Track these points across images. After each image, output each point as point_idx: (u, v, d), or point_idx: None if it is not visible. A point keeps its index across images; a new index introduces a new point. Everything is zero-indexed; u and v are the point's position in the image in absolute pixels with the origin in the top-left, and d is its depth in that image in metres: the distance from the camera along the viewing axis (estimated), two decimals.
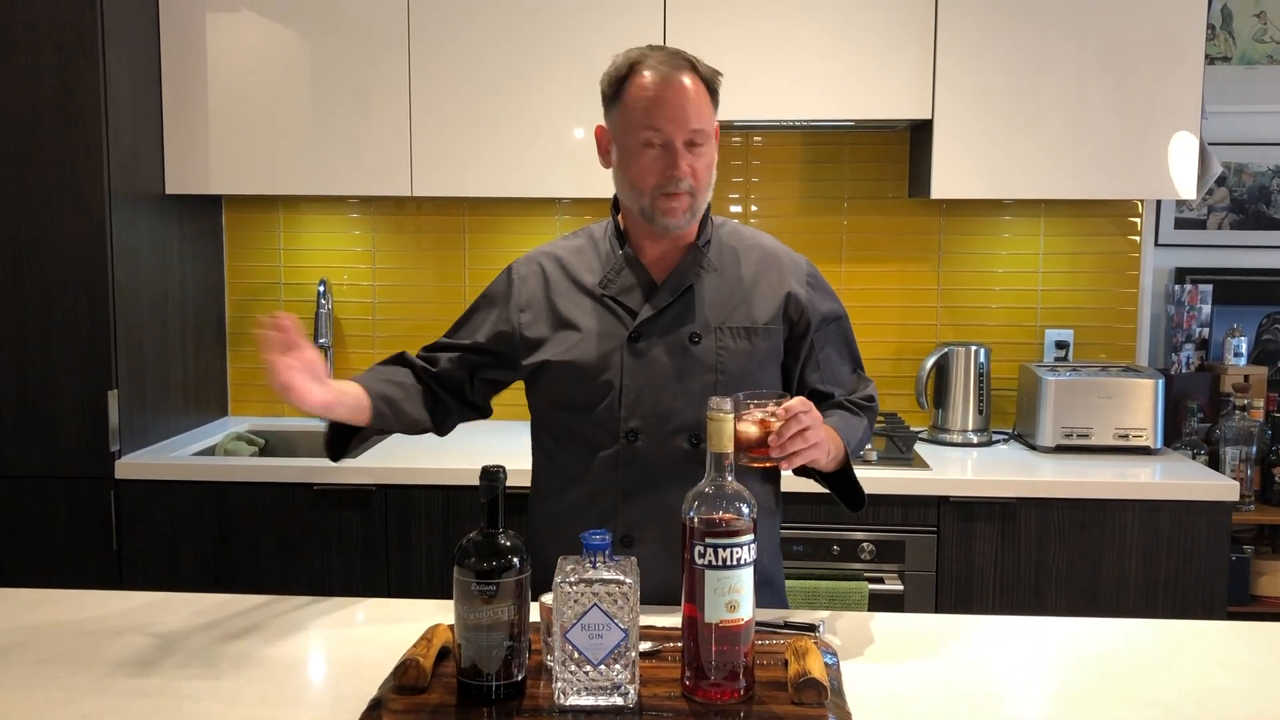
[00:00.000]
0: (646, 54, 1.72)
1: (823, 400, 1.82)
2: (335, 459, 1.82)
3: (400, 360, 1.88)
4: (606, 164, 1.80)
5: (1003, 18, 2.82)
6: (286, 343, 1.62)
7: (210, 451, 3.02)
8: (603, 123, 1.79)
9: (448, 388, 1.86)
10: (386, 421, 1.78)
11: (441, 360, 1.86)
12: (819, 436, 1.57)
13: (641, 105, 1.69)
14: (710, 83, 1.73)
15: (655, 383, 1.74)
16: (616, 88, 1.73)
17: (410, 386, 1.84)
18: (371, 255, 3.37)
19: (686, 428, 1.73)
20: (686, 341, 1.75)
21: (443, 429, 1.89)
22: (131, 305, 2.84)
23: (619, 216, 1.83)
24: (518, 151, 2.93)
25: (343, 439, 1.81)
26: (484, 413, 1.93)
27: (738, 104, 2.84)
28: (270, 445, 3.22)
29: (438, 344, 1.89)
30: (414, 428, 1.84)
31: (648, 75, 1.69)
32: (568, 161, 2.91)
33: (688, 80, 1.69)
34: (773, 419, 1.54)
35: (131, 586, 2.75)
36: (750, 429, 1.55)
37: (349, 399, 1.72)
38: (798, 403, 1.55)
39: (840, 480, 1.79)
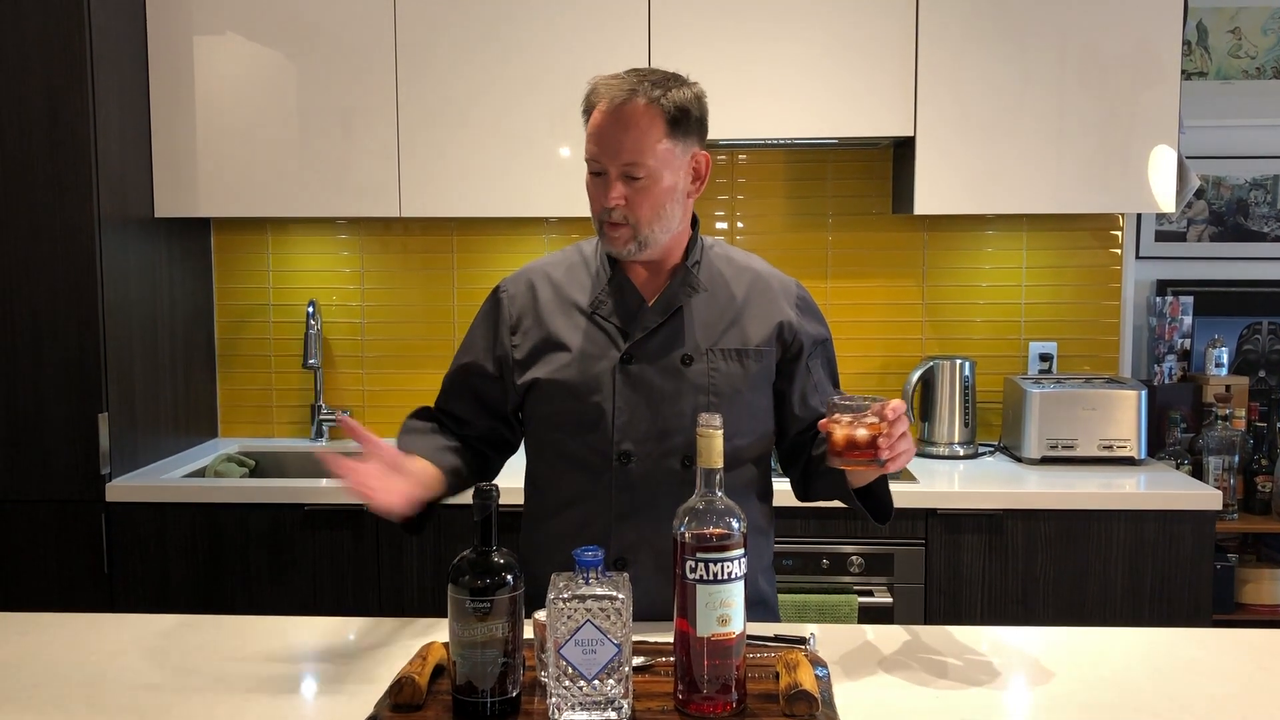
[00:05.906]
0: (615, 80, 1.71)
1: (816, 421, 1.82)
2: (416, 533, 1.77)
3: (434, 419, 1.87)
4: None
5: (983, 35, 2.86)
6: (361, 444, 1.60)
7: (201, 473, 3.02)
8: None
9: (490, 442, 1.87)
10: (457, 493, 1.77)
11: (471, 420, 1.85)
12: (911, 440, 1.61)
13: (590, 132, 1.72)
14: (671, 113, 1.69)
15: (648, 405, 1.74)
16: (586, 112, 1.74)
17: (462, 450, 1.83)
18: (360, 276, 3.39)
19: (679, 449, 1.74)
20: (678, 364, 1.76)
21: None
22: (121, 329, 2.85)
23: None
24: (505, 171, 2.95)
25: (421, 515, 1.75)
26: (514, 449, 1.93)
27: (722, 123, 2.83)
28: (261, 466, 3.23)
29: (451, 398, 1.87)
30: None
31: (602, 102, 1.70)
32: (555, 180, 2.93)
33: (638, 108, 1.67)
34: (879, 421, 1.56)
35: (123, 609, 2.75)
36: (862, 432, 1.56)
37: (427, 478, 1.70)
38: (900, 404, 1.57)
39: (866, 494, 1.77)
